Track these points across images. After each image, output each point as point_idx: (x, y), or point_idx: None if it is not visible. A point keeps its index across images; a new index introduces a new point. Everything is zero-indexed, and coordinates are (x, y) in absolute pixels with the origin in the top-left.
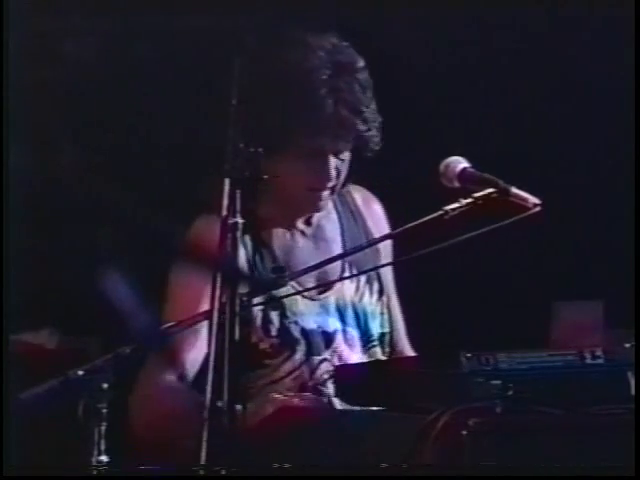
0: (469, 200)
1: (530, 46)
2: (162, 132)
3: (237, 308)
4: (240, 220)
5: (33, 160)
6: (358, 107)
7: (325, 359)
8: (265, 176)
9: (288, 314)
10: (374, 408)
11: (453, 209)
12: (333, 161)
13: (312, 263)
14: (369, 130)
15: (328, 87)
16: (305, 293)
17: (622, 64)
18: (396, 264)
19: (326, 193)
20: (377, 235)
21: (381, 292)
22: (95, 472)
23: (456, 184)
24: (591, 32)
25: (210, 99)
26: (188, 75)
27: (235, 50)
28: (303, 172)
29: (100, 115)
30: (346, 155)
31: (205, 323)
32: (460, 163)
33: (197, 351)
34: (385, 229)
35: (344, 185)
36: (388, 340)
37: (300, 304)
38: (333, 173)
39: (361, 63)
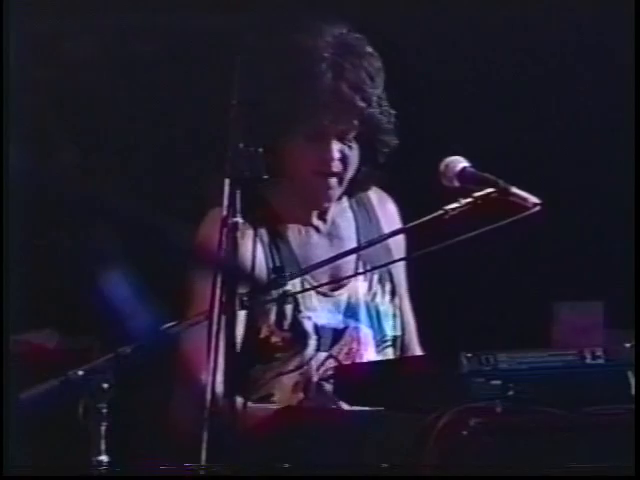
0: (469, 200)
1: (530, 46)
2: (162, 132)
3: (237, 308)
4: (240, 220)
5: (33, 160)
6: (359, 85)
7: (331, 355)
8: (265, 176)
9: (302, 309)
10: (374, 408)
11: (453, 209)
12: (336, 144)
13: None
14: (371, 109)
15: (329, 63)
16: (319, 289)
17: (622, 64)
18: (394, 264)
19: (334, 181)
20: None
21: (393, 293)
22: (95, 472)
23: (456, 184)
24: (591, 32)
25: (210, 99)
26: (188, 75)
27: (236, 49)
28: (308, 154)
29: (100, 115)
30: (354, 144)
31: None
32: (460, 163)
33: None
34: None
35: (361, 186)
36: (400, 343)
37: (314, 300)
38: (336, 155)
39: (369, 50)
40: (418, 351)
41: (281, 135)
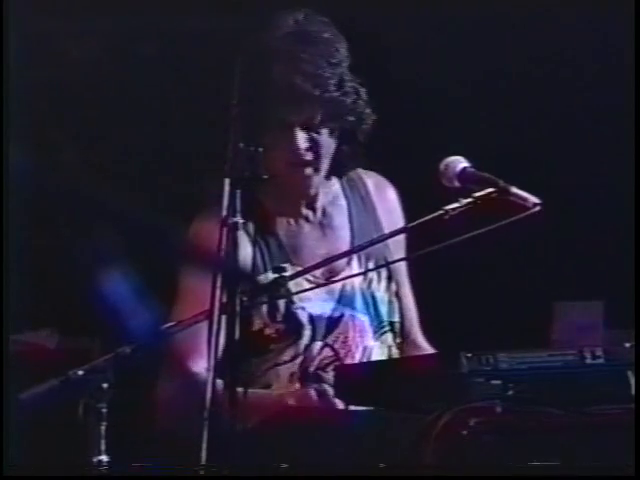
0: (469, 200)
1: (530, 46)
2: (162, 132)
3: (237, 308)
4: (240, 220)
5: (33, 160)
6: (315, 72)
7: (327, 344)
8: (265, 176)
9: (295, 300)
10: (374, 408)
11: (453, 209)
12: (302, 133)
13: (319, 250)
14: (328, 94)
15: (286, 57)
16: (312, 279)
17: (622, 64)
18: (390, 251)
19: (309, 170)
20: (387, 224)
21: (389, 279)
22: (95, 472)
23: (456, 184)
24: (591, 32)
25: (210, 99)
26: (188, 75)
27: (235, 50)
28: (278, 147)
29: (100, 115)
30: (323, 129)
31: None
32: (460, 163)
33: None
34: (397, 217)
35: (346, 165)
36: (399, 329)
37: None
38: (303, 145)
39: (326, 35)
40: (420, 337)
41: (256, 132)
